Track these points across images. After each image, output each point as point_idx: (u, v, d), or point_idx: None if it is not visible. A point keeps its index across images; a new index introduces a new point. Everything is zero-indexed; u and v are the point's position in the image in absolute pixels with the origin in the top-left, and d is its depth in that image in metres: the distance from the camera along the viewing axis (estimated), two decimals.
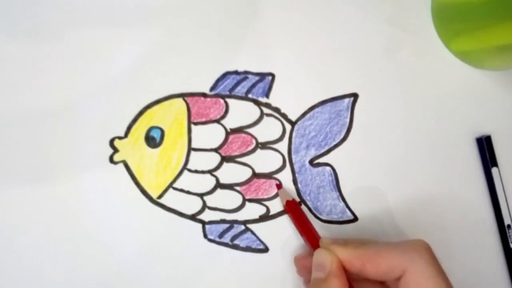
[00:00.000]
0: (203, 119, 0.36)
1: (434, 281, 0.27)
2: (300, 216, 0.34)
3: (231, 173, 0.36)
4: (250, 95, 0.36)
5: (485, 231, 0.37)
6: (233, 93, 0.36)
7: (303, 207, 0.36)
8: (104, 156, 0.35)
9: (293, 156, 0.36)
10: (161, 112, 0.36)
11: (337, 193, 0.36)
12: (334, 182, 0.36)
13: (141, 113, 0.36)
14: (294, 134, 0.36)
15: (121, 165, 0.35)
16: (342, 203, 0.36)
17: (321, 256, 0.30)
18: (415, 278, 0.27)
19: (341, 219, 0.36)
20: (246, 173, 0.36)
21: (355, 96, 0.37)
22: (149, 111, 0.36)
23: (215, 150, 0.36)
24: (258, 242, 0.35)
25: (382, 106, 0.37)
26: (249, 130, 0.36)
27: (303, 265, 0.33)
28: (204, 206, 0.35)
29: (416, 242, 0.29)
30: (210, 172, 0.36)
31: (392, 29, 0.37)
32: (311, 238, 0.33)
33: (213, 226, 0.35)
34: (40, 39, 0.36)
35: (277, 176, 0.36)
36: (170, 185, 0.35)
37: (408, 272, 0.27)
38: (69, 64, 0.36)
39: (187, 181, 0.35)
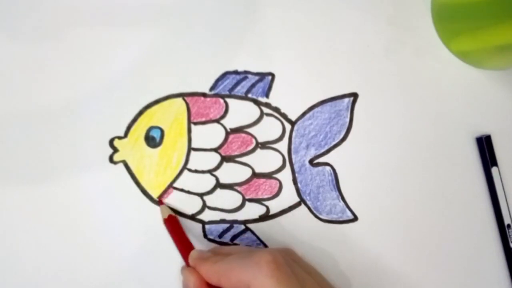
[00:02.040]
0: (203, 119, 0.36)
1: None
2: (177, 233, 0.34)
3: (231, 173, 0.36)
4: (250, 95, 0.36)
5: (485, 231, 0.37)
6: (233, 93, 0.36)
7: (302, 207, 0.36)
8: (104, 156, 0.35)
9: (293, 156, 0.36)
10: (161, 112, 0.36)
11: (337, 193, 0.36)
12: (334, 182, 0.36)
13: (140, 113, 0.36)
14: (294, 134, 0.36)
15: (121, 165, 0.35)
16: (342, 203, 0.36)
17: (185, 276, 0.32)
18: None
19: (340, 219, 0.36)
20: (246, 173, 0.36)
21: (355, 96, 0.37)
22: (148, 111, 0.36)
23: (215, 150, 0.36)
24: (258, 242, 0.35)
25: (382, 106, 0.37)
26: (249, 130, 0.36)
27: None
28: (204, 206, 0.35)
29: (259, 256, 0.29)
30: (210, 172, 0.36)
31: (392, 29, 0.37)
32: (186, 255, 0.33)
33: (213, 226, 0.35)
34: (40, 39, 0.36)
35: (277, 176, 0.36)
36: (170, 185, 0.35)
37: (250, 286, 0.28)
38: (69, 64, 0.36)
39: (187, 181, 0.35)
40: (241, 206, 0.36)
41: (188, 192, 0.35)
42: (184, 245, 0.33)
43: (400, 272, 0.36)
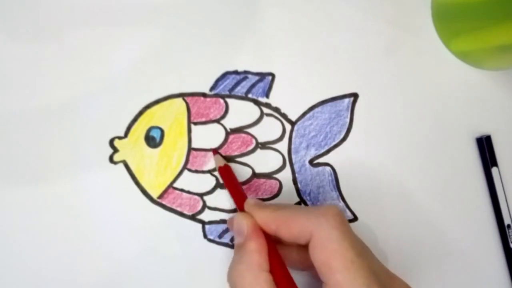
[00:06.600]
0: (203, 119, 0.36)
1: (338, 243, 0.27)
2: (231, 180, 0.34)
3: None
4: (250, 95, 0.36)
5: (485, 231, 0.37)
6: (233, 93, 0.36)
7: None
8: (104, 156, 0.35)
9: (293, 156, 0.36)
10: (161, 112, 0.36)
11: (337, 193, 0.36)
12: (334, 182, 0.36)
13: (141, 113, 0.36)
14: (294, 134, 0.36)
15: (121, 165, 0.35)
16: (342, 203, 0.36)
17: (238, 221, 0.31)
18: (320, 241, 0.28)
19: None
20: (246, 173, 0.36)
21: (355, 96, 0.37)
22: (149, 111, 0.36)
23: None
24: None
25: (382, 106, 0.37)
26: (249, 130, 0.36)
27: None
28: (204, 206, 0.35)
29: (326, 207, 0.29)
30: (210, 172, 0.36)
31: (392, 29, 0.37)
32: (240, 202, 0.32)
33: (213, 226, 0.35)
34: (40, 39, 0.36)
35: (277, 176, 0.36)
36: (170, 185, 0.35)
37: (314, 235, 0.28)
38: (69, 64, 0.36)
39: (187, 181, 0.35)
40: None
41: (188, 192, 0.35)
42: (238, 192, 0.33)
43: (400, 272, 0.36)
